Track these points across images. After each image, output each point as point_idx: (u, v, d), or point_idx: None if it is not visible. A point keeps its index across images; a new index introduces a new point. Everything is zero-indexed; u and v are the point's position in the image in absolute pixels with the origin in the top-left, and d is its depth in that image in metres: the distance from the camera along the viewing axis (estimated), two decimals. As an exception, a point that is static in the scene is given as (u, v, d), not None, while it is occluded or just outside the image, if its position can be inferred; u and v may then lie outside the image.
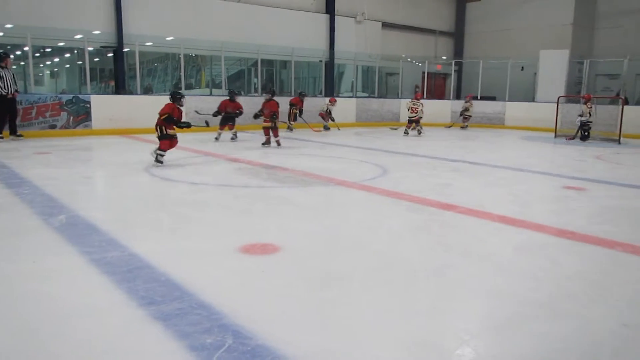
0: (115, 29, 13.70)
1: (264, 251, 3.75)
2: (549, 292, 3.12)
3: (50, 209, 4.85)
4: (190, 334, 2.44)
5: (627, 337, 2.56)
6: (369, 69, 19.84)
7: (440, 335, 2.55)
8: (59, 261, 3.49)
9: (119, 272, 3.23)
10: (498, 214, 4.96)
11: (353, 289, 3.14)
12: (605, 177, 7.51)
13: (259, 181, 6.75)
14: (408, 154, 10.01)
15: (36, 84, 14.68)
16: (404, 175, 7.37)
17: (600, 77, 18.85)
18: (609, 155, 10.22)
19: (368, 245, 4.05)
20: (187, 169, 7.62)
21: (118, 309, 2.74)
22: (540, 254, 3.87)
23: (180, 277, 3.16)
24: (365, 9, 19.10)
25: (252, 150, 9.82)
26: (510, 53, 18.72)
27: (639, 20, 18.27)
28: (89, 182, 6.76)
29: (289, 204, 5.41)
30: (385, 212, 5.18)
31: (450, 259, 3.73)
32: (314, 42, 17.64)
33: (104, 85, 16.77)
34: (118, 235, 4.04)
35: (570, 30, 19.12)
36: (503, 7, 21.13)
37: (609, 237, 4.26)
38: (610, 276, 3.45)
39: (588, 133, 13.10)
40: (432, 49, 22.05)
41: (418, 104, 13.81)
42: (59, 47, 15.27)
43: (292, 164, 8.01)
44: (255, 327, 2.52)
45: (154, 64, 17.28)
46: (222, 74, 15.58)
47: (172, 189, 6.27)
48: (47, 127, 11.49)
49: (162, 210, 5.11)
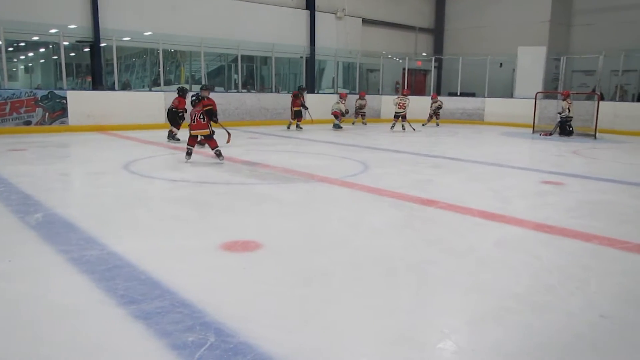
0: (91, 23, 13.45)
1: (246, 248, 3.73)
2: (528, 285, 3.16)
3: (26, 207, 4.75)
4: (171, 332, 2.41)
5: (605, 328, 2.61)
6: (350, 65, 19.85)
7: (422, 330, 2.57)
8: (36, 260, 3.42)
9: (98, 270, 3.18)
10: (478, 209, 5.01)
11: (335, 285, 3.14)
12: (582, 172, 7.64)
13: (240, 178, 6.71)
14: (389, 150, 10.05)
15: (10, 79, 14.36)
16: (385, 172, 7.40)
17: (577, 74, 19.16)
18: (585, 150, 10.40)
19: (350, 241, 4.05)
20: (167, 166, 7.54)
21: (98, 309, 2.69)
22: (519, 248, 3.92)
23: (161, 275, 3.12)
24: (346, 5, 19.09)
25: (233, 147, 9.75)
26: (489, 50, 18.91)
27: (614, 17, 18.60)
28: (65, 180, 6.64)
29: (271, 200, 5.39)
30: (367, 209, 5.19)
31: (431, 254, 3.76)
32: (294, 38, 17.58)
33: (80, 81, 16.48)
34: (96, 233, 3.98)
35: (548, 28, 19.38)
36: (482, 4, 21.31)
37: (587, 231, 4.33)
38: (588, 269, 3.51)
39: (572, 128, 13.32)
40: (412, 46, 22.15)
41: (405, 100, 13.87)
42: (34, 42, 14.95)
43: (273, 161, 7.98)
44: (237, 324, 2.50)
45: (132, 59, 17.02)
46: (202, 70, 15.44)
47: (151, 186, 6.20)
48: (21, 123, 11.26)
49: (141, 208, 5.05)
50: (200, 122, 7.52)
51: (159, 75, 14.46)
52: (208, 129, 7.59)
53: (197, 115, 7.52)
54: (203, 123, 7.53)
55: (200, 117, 7.51)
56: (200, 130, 7.58)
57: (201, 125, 7.53)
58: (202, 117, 7.52)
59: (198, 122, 7.52)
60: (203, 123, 7.53)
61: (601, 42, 17.65)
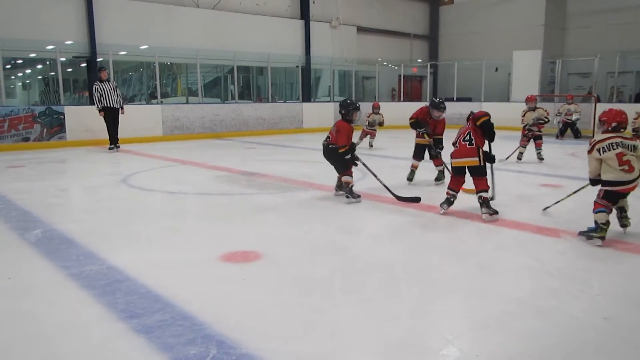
0: (87, 38, 13.50)
1: (246, 259, 3.72)
2: (530, 289, 3.15)
3: (26, 224, 4.74)
4: (173, 345, 2.40)
5: (608, 330, 2.60)
6: (346, 73, 19.91)
7: (425, 336, 2.55)
8: (36, 277, 3.41)
9: (98, 285, 3.17)
10: (478, 214, 5.00)
11: (335, 293, 3.12)
12: (580, 174, 7.62)
13: (239, 188, 6.70)
14: (387, 156, 10.05)
15: (8, 96, 14.36)
16: (384, 178, 7.38)
17: (573, 76, 19.24)
18: (583, 152, 10.38)
19: (349, 249, 4.04)
20: (165, 179, 7.53)
21: (99, 324, 2.68)
22: (520, 252, 3.91)
23: (161, 288, 3.11)
24: (340, 14, 19.17)
25: (231, 157, 9.76)
26: (484, 55, 18.98)
27: (608, 19, 18.70)
28: (64, 195, 6.63)
29: (269, 210, 5.38)
30: (366, 215, 5.18)
31: (431, 259, 3.75)
32: (290, 47, 17.64)
33: (77, 96, 16.50)
34: (96, 248, 3.97)
35: (542, 31, 19.47)
36: (476, 10, 21.42)
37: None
38: (589, 271, 3.51)
39: (580, 131, 13.30)
40: (407, 52, 22.23)
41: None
42: (31, 59, 14.99)
43: (271, 170, 7.97)
44: (239, 336, 2.49)
45: (129, 73, 17.06)
46: (198, 82, 15.48)
47: (149, 199, 6.19)
48: (20, 140, 11.25)
49: (140, 221, 5.03)
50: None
51: (155, 88, 14.49)
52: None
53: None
54: None
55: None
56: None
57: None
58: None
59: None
60: None
61: (596, 45, 17.74)
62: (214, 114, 14.57)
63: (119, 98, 10.82)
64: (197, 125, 14.16)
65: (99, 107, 10.63)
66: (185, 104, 14.95)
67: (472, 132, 5.07)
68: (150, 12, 14.63)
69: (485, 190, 4.88)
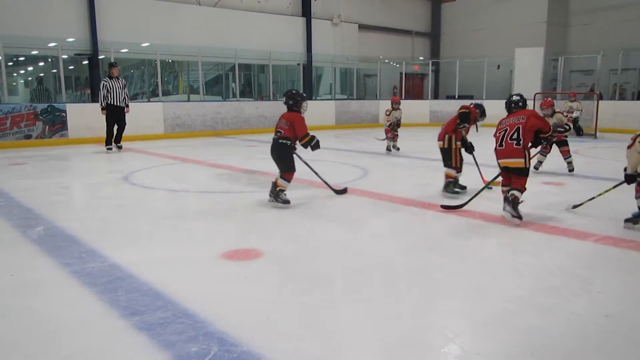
0: (89, 36, 13.52)
1: (247, 257, 3.72)
2: (532, 287, 3.15)
3: (28, 221, 4.75)
4: (175, 343, 2.40)
5: (609, 328, 2.60)
6: (347, 70, 19.90)
7: (426, 334, 2.56)
8: (39, 274, 3.41)
9: (100, 283, 3.18)
10: (479, 211, 5.00)
11: (337, 291, 3.13)
12: (583, 172, 7.62)
13: (240, 186, 6.71)
14: (388, 155, 10.04)
15: (10, 93, 14.39)
16: (385, 176, 7.40)
17: (575, 73, 19.19)
18: (585, 150, 10.39)
19: (350, 247, 4.05)
20: (166, 176, 7.54)
21: (101, 321, 2.69)
22: (522, 250, 3.91)
23: (163, 285, 3.12)
24: (342, 12, 19.16)
25: (232, 155, 9.77)
26: (486, 52, 18.95)
27: (610, 16, 18.64)
28: (66, 193, 6.64)
29: (271, 208, 5.38)
30: (367, 213, 5.19)
31: (432, 257, 3.75)
32: (291, 45, 17.63)
33: (79, 94, 16.52)
34: (98, 245, 3.98)
35: (544, 28, 19.42)
36: (477, 7, 21.38)
37: (588, 231, 4.33)
38: (591, 269, 3.51)
39: (582, 128, 13.29)
40: (409, 50, 22.20)
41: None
42: (33, 56, 15.01)
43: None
44: (240, 333, 2.49)
45: (131, 70, 17.07)
46: (200, 80, 15.49)
47: (151, 197, 6.20)
48: (22, 137, 11.28)
49: (142, 219, 5.04)
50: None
51: (157, 86, 14.50)
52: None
53: None
54: None
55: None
56: None
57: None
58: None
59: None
60: None
61: (599, 42, 17.70)
62: (216, 112, 14.58)
63: (125, 97, 10.45)
64: (198, 123, 14.18)
65: (103, 105, 10.21)
66: (187, 102, 14.98)
67: (522, 128, 4.61)
68: (151, 9, 14.65)
69: (519, 190, 4.54)
